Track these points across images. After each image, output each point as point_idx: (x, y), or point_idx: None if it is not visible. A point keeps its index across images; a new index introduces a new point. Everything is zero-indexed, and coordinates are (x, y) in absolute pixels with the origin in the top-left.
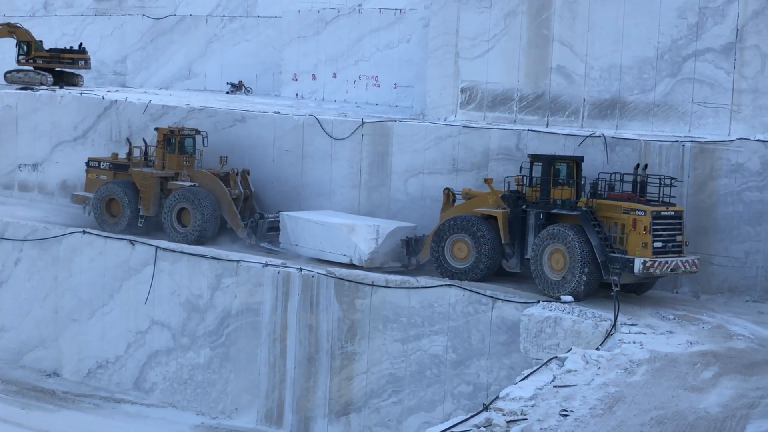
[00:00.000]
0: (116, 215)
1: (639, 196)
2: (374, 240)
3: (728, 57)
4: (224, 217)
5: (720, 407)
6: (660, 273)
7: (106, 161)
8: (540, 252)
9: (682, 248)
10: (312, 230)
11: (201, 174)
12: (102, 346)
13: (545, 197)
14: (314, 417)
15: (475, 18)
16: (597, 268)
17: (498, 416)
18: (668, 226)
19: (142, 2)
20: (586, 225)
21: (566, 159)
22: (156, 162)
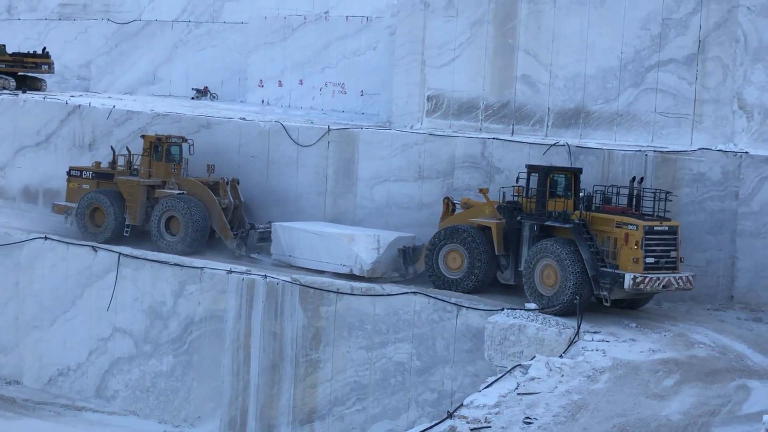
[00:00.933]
0: (100, 225)
1: (634, 210)
2: (375, 250)
3: (690, 68)
4: (213, 227)
5: (682, 415)
6: (651, 289)
7: (89, 170)
8: (532, 266)
9: (676, 264)
10: (308, 241)
11: (190, 182)
12: (63, 353)
13: (541, 209)
14: (278, 425)
15: (441, 26)
16: (588, 282)
17: (462, 424)
18: (662, 242)
19: (107, 7)
20: (577, 238)
21: (564, 170)
22: (142, 170)
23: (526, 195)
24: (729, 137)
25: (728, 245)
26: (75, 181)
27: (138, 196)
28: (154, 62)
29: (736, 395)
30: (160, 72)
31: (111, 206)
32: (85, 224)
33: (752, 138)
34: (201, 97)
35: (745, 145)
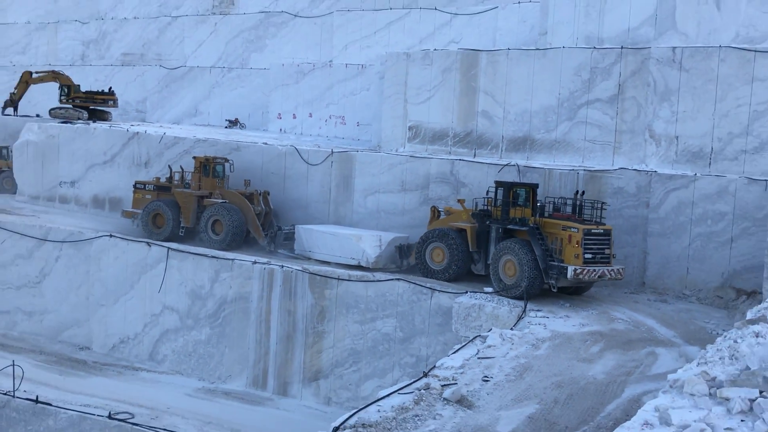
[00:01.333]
0: (161, 227)
1: (577, 217)
2: (378, 246)
3: (612, 105)
4: (249, 228)
5: (604, 374)
6: (589, 279)
7: (151, 184)
8: (497, 260)
9: (610, 260)
10: (324, 239)
11: (231, 194)
12: (124, 326)
13: (505, 215)
14: (291, 382)
15: (419, 73)
16: (540, 273)
17: (434, 381)
18: (598, 242)
19: (159, 56)
20: (532, 239)
21: (524, 185)
22: (193, 184)
23: (494, 205)
24: (642, 159)
25: (641, 243)
26: (140, 192)
27: (190, 204)
28: (196, 99)
29: (647, 359)
30: (200, 106)
31: (169, 212)
32: (148, 226)
33: (660, 160)
34: (232, 126)
35: (654, 166)
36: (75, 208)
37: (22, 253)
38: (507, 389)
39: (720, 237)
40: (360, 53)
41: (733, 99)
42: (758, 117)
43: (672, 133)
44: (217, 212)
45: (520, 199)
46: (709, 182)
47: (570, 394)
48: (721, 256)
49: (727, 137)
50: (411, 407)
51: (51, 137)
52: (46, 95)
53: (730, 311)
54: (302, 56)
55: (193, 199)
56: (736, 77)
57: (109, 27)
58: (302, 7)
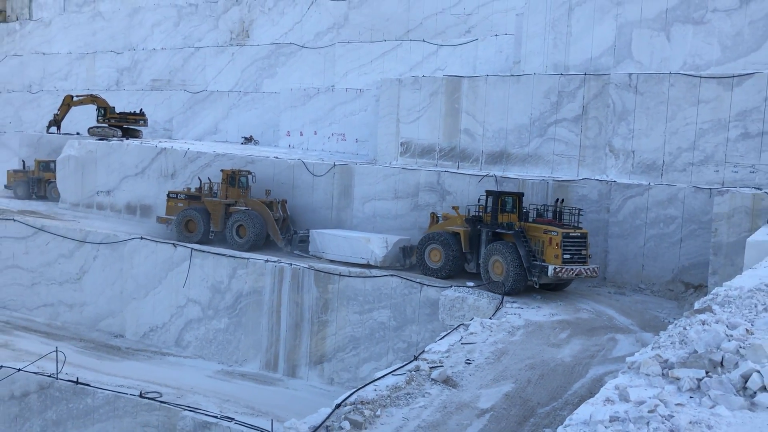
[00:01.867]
0: (192, 231)
1: (557, 222)
2: (385, 247)
3: (577, 124)
4: (269, 232)
5: (571, 357)
6: (567, 277)
7: (182, 193)
8: (486, 260)
9: (586, 259)
10: (336, 241)
11: (253, 202)
12: (153, 316)
13: (494, 220)
14: (299, 365)
15: (410, 96)
16: (524, 272)
17: (424, 364)
18: (575, 243)
19: (184, 82)
20: (517, 241)
21: (511, 194)
22: (220, 193)
23: (485, 211)
24: (603, 171)
25: (603, 243)
26: (173, 201)
27: (219, 211)
28: (216, 119)
29: (608, 344)
30: (219, 125)
31: (200, 218)
32: (181, 231)
33: (618, 171)
34: (247, 143)
35: (614, 176)
36: (110, 214)
37: (64, 253)
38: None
39: (671, 238)
40: (358, 79)
41: (681, 118)
42: (703, 134)
43: (629, 148)
44: (241, 218)
45: (508, 206)
46: (661, 190)
47: (541, 375)
48: (672, 255)
49: (677, 151)
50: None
51: (89, 152)
52: (85, 116)
53: (680, 302)
54: (308, 82)
55: (221, 207)
56: (684, 100)
57: (140, 56)
58: (308, 39)
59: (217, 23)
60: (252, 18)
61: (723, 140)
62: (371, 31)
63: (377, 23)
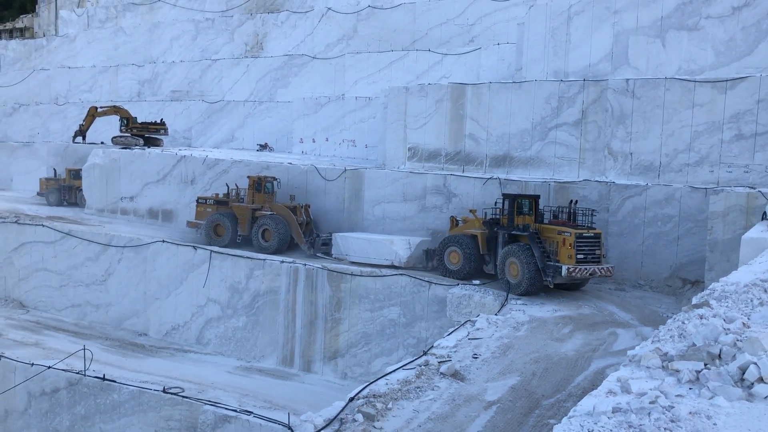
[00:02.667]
0: (221, 235)
1: (571, 222)
2: (408, 249)
3: (577, 128)
4: (292, 235)
5: (574, 351)
6: (581, 276)
7: (211, 199)
8: (503, 262)
9: (600, 259)
10: (359, 244)
11: (278, 207)
12: (175, 315)
13: (510, 223)
14: (314, 360)
15: (416, 103)
16: (539, 272)
17: (432, 358)
18: (589, 244)
19: (202, 92)
20: (532, 242)
21: (527, 197)
22: (247, 199)
23: (502, 214)
24: (602, 172)
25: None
26: (202, 206)
27: (246, 215)
28: (232, 127)
29: (609, 338)
30: (236, 134)
31: (228, 222)
32: (210, 235)
33: (617, 173)
34: (262, 150)
35: (613, 178)
36: (133, 219)
37: (90, 256)
38: (493, 364)
39: (668, 236)
40: (367, 88)
41: (677, 121)
42: (698, 136)
43: (627, 150)
44: (266, 222)
45: (525, 209)
46: (659, 190)
47: (546, 368)
48: (670, 252)
49: (673, 153)
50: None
51: (113, 160)
52: (108, 126)
53: (678, 297)
54: (319, 91)
55: (247, 212)
56: (680, 103)
57: (161, 69)
58: (319, 50)
59: (233, 36)
60: (266, 31)
61: (717, 141)
62: (379, 41)
63: (385, 34)
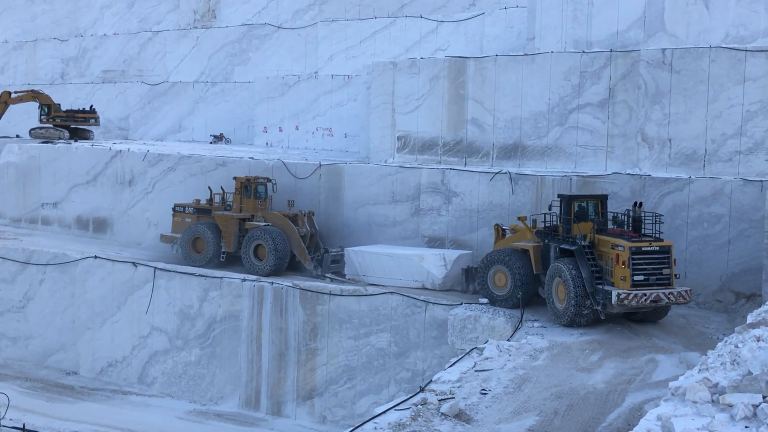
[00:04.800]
0: (201, 251)
1: (633, 232)
2: (443, 266)
3: (603, 110)
4: (294, 251)
5: (605, 383)
6: (638, 305)
7: (190, 206)
8: (550, 283)
9: (670, 281)
10: (380, 261)
11: (273, 215)
12: (112, 349)
13: (566, 232)
14: (285, 401)
15: (406, 81)
16: (588, 298)
17: (431, 396)
18: (652, 260)
19: (141, 72)
20: (579, 259)
21: (589, 198)
22: (234, 206)
23: (558, 221)
24: (635, 163)
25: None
26: (179, 216)
27: (231, 227)
28: (179, 115)
29: (647, 367)
30: (184, 122)
31: (210, 236)
32: (188, 251)
33: (653, 164)
34: (217, 142)
35: (648, 170)
36: (58, 230)
37: (5, 277)
38: (506, 402)
39: (717, 240)
40: (345, 64)
41: (725, 99)
42: (751, 117)
43: (664, 136)
44: (259, 236)
45: (588, 213)
46: (704, 184)
47: (570, 405)
48: (719, 259)
49: (721, 138)
50: (408, 423)
51: (32, 158)
52: (26, 115)
53: (730, 315)
54: (287, 68)
55: (233, 222)
56: (728, 77)
57: (89, 44)
58: (285, 18)
59: (179, 3)
60: None
61: None
62: (359, 6)
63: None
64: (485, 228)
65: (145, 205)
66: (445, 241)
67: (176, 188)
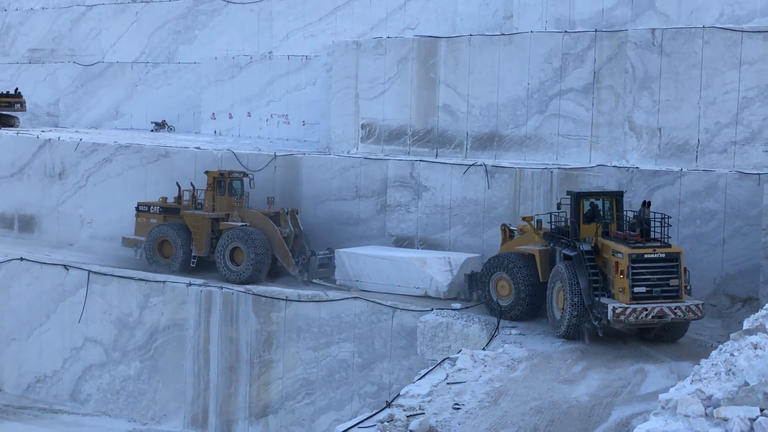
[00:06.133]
0: (168, 256)
1: (640, 236)
2: (449, 272)
3: (587, 96)
4: (275, 255)
5: (589, 396)
6: (636, 321)
7: (156, 205)
8: (551, 291)
9: (678, 293)
10: (376, 266)
11: (251, 214)
12: (40, 362)
13: (575, 234)
14: (236, 420)
15: (371, 64)
16: (585, 311)
17: (399, 412)
18: (657, 270)
19: (73, 51)
20: (577, 267)
21: (604, 194)
22: (206, 204)
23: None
24: (622, 155)
25: None
26: (143, 216)
27: (203, 228)
28: (116, 99)
29: (634, 378)
30: (122, 108)
31: (178, 239)
32: (154, 256)
33: (641, 155)
34: (159, 130)
35: (636, 162)
36: None
37: None
38: (481, 417)
39: (710, 238)
40: (304, 43)
41: (719, 85)
42: (748, 104)
43: (654, 125)
44: (236, 237)
45: (600, 212)
46: (697, 178)
47: (551, 420)
48: (713, 260)
49: (715, 127)
50: None
51: None
52: None
53: (725, 320)
54: (238, 48)
55: (205, 223)
56: (723, 61)
57: (14, 20)
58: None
59: None
60: None
61: None
62: None
63: None
64: (458, 226)
65: (78, 201)
66: (415, 240)
67: (113, 182)
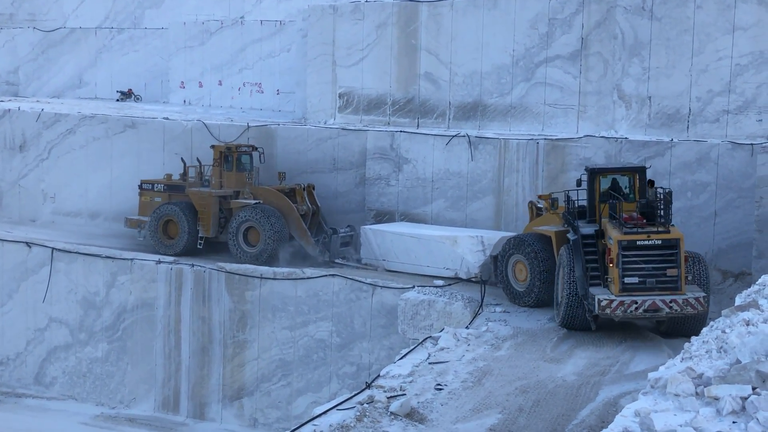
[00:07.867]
0: (173, 237)
1: (642, 219)
2: (481, 252)
3: (575, 63)
4: (293, 234)
5: (575, 376)
6: (624, 315)
7: (160, 183)
8: (557, 276)
9: (678, 284)
10: (404, 244)
11: (265, 191)
12: (2, 344)
13: (592, 214)
14: (209, 403)
15: (349, 29)
16: (580, 301)
17: (379, 393)
18: (651, 258)
19: (33, 16)
20: (574, 252)
21: (624, 170)
22: (213, 181)
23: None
24: (610, 125)
25: None
26: (147, 195)
27: (210, 207)
28: (80, 67)
29: (623, 356)
30: (85, 76)
31: (183, 218)
32: (158, 237)
33: (631, 125)
34: (125, 99)
35: (625, 132)
36: None
37: None
38: (464, 398)
39: (702, 211)
40: (278, 7)
41: (712, 51)
42: (741, 72)
43: (644, 93)
44: (250, 217)
45: (622, 190)
46: (688, 148)
47: (537, 401)
48: (704, 234)
49: (707, 96)
50: (353, 425)
51: None
52: None
53: (716, 296)
54: (208, 12)
55: (212, 201)
56: (716, 26)
57: None
58: None
59: None
60: None
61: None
62: None
63: None
64: (441, 200)
65: (40, 175)
66: (396, 215)
67: (77, 154)
